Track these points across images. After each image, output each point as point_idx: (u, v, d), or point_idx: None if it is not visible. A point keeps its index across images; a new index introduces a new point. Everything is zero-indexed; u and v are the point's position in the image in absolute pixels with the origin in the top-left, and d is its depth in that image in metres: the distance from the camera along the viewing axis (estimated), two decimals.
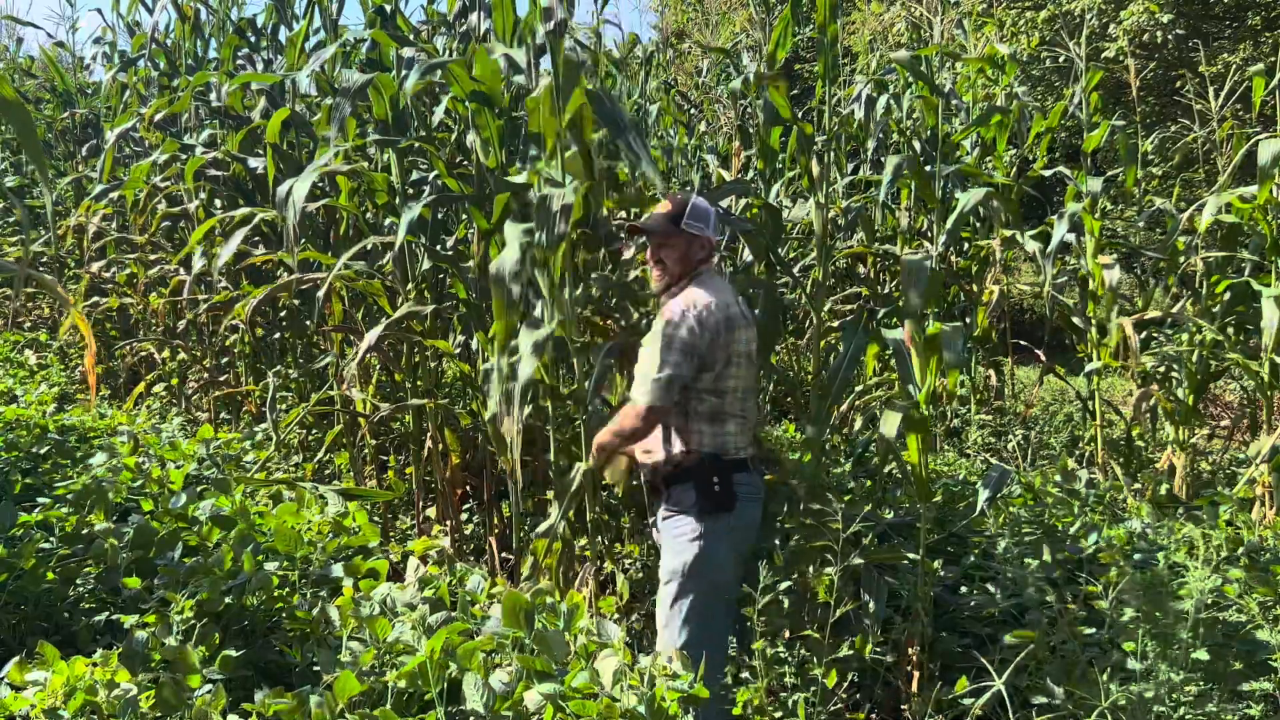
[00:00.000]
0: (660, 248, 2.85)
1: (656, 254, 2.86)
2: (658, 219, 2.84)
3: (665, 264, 2.85)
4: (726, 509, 2.84)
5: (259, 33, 6.62)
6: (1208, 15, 10.42)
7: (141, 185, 5.93)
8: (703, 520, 2.82)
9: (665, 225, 2.82)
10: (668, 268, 2.86)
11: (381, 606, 1.99)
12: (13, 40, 10.35)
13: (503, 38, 3.86)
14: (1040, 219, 5.74)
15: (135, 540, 2.30)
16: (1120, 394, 7.87)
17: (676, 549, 2.84)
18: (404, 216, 3.66)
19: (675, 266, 2.85)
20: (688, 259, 2.85)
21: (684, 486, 2.84)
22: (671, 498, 2.87)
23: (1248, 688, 2.56)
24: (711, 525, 2.83)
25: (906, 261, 3.18)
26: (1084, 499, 3.78)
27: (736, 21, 8.89)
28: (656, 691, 1.48)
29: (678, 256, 2.84)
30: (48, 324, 7.97)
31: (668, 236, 2.83)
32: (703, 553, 2.83)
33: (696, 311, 2.75)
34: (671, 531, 2.86)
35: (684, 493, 2.84)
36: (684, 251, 2.84)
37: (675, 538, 2.84)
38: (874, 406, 4.30)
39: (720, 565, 2.85)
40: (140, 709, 1.58)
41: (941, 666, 3.14)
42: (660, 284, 2.88)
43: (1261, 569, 2.88)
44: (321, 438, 5.14)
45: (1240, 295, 4.79)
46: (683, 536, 2.84)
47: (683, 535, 2.84)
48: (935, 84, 3.82)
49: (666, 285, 2.87)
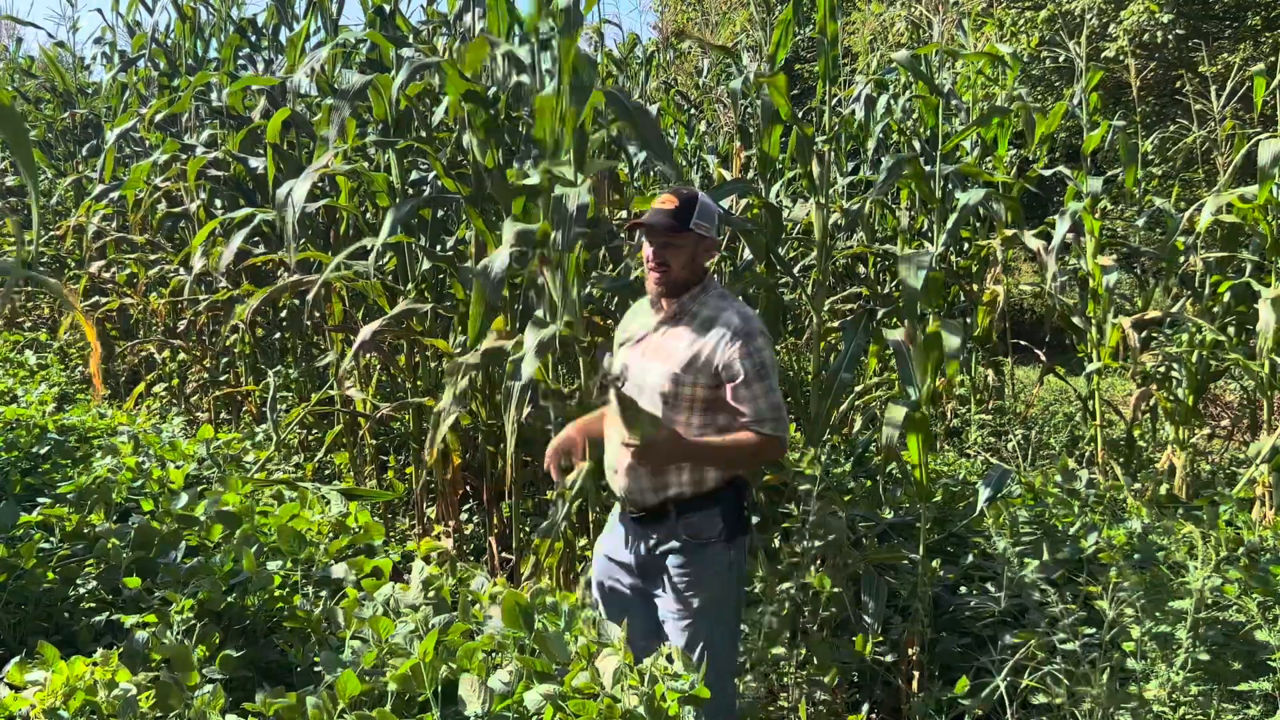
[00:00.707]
0: (665, 247, 2.54)
1: (661, 255, 2.55)
2: (662, 216, 2.53)
3: (670, 266, 2.55)
4: (746, 530, 2.69)
5: (259, 32, 6.63)
6: (1208, 15, 10.42)
7: (142, 185, 5.93)
8: (731, 547, 2.62)
9: (672, 223, 2.52)
10: (672, 270, 2.55)
11: (384, 607, 1.99)
12: (13, 40, 10.35)
13: (498, 36, 3.86)
14: (1040, 219, 5.74)
15: (137, 540, 2.30)
16: (1120, 394, 7.86)
17: (704, 583, 2.58)
18: (391, 216, 3.66)
19: (681, 270, 2.56)
20: (695, 262, 2.59)
21: (709, 514, 2.58)
22: (691, 527, 2.57)
23: (1247, 688, 2.57)
24: (740, 550, 2.66)
25: (904, 257, 3.19)
26: (1084, 499, 3.78)
27: (736, 21, 8.88)
28: (656, 691, 1.49)
29: (685, 259, 2.56)
30: (47, 324, 7.98)
31: (674, 235, 2.53)
32: (737, 580, 2.66)
33: (760, 325, 2.59)
34: (695, 564, 2.58)
35: (708, 520, 2.58)
36: (692, 253, 2.57)
37: (702, 570, 2.58)
38: (874, 406, 4.30)
39: (744, 585, 2.74)
40: (140, 709, 1.58)
41: (941, 666, 3.14)
42: (660, 288, 2.59)
43: (1261, 569, 2.88)
44: (321, 438, 5.14)
45: (1240, 295, 4.80)
46: (711, 568, 2.59)
47: (711, 567, 2.59)
48: (935, 84, 3.83)
49: (669, 290, 2.59)
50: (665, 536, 2.59)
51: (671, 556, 2.58)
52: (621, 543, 2.70)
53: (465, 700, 1.56)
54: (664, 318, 2.63)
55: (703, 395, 2.53)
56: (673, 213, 2.52)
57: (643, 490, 2.58)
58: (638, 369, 2.60)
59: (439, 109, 4.75)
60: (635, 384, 2.58)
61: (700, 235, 2.56)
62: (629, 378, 2.59)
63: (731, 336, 2.50)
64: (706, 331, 2.54)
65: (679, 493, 2.57)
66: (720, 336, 2.51)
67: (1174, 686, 2.43)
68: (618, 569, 2.72)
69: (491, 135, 3.70)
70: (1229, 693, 2.58)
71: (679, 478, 2.56)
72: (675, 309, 2.61)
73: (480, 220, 3.74)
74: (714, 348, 2.51)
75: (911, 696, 3.09)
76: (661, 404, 2.52)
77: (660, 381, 2.53)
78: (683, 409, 2.53)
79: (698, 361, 2.51)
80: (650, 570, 2.64)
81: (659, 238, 2.55)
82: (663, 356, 2.56)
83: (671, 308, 2.61)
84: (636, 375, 2.60)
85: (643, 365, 2.60)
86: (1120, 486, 4.20)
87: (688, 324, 2.58)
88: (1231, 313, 4.84)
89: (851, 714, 3.16)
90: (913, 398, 3.19)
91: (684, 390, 2.52)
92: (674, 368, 2.52)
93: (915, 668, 3.15)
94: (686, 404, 2.53)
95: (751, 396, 2.49)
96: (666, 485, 2.57)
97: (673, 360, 2.53)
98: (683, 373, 2.51)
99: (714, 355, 2.50)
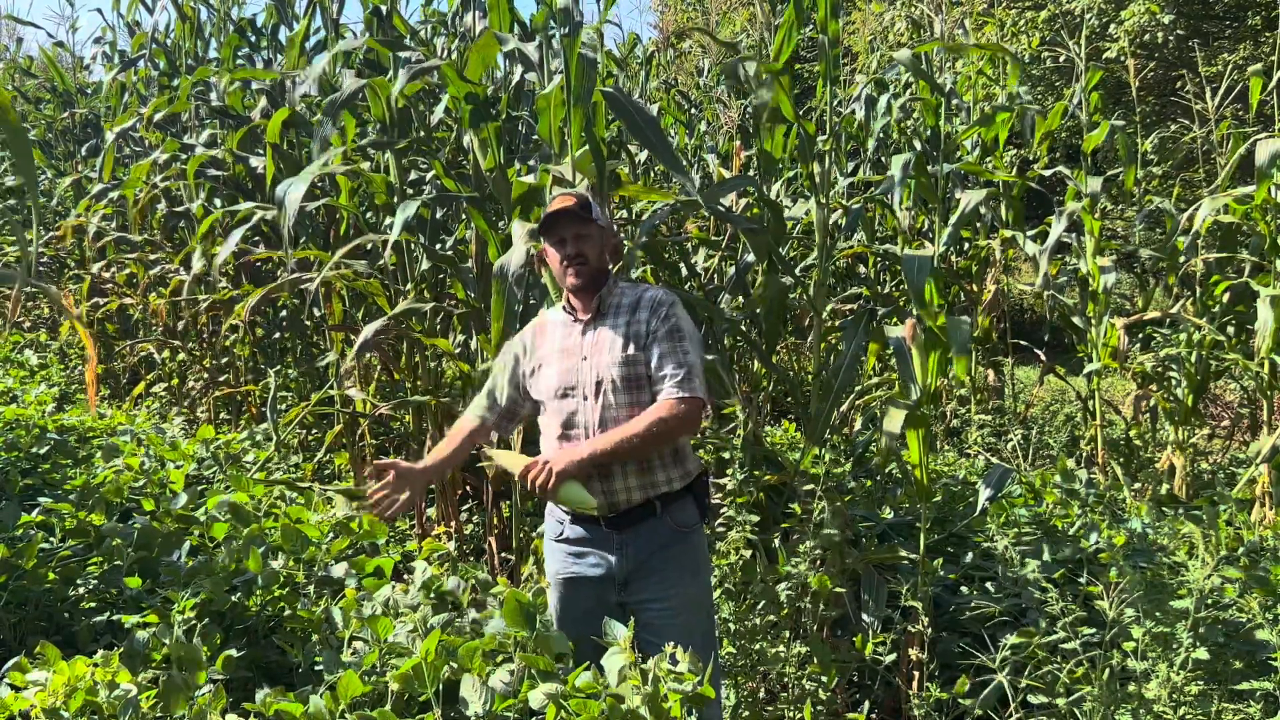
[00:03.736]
0: (579, 239, 2.58)
1: (577, 246, 2.58)
2: (567, 208, 2.56)
3: (588, 258, 2.59)
4: (706, 514, 2.72)
5: (259, 32, 6.64)
6: (1208, 15, 10.43)
7: (141, 184, 5.93)
8: (701, 533, 2.66)
9: (579, 213, 2.56)
10: (590, 262, 2.59)
11: (385, 607, 1.99)
12: (13, 40, 10.35)
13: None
14: (1041, 219, 5.75)
15: (139, 540, 2.31)
16: (1120, 394, 7.86)
17: (694, 569, 2.60)
18: (399, 215, 3.65)
19: (597, 261, 2.61)
20: (603, 255, 2.64)
21: (684, 502, 2.59)
22: (674, 519, 2.56)
23: (1247, 687, 2.57)
24: (705, 535, 2.72)
25: (907, 256, 3.19)
26: (1084, 499, 3.78)
27: (737, 21, 8.89)
28: (658, 691, 1.49)
29: (597, 250, 2.61)
30: (47, 324, 7.97)
31: (583, 226, 2.58)
32: (710, 563, 2.71)
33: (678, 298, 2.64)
34: (688, 553, 2.58)
35: (685, 509, 2.59)
36: (600, 244, 2.62)
37: (693, 557, 2.60)
38: (874, 406, 4.30)
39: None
40: (141, 709, 1.58)
41: (941, 666, 3.14)
42: (579, 280, 2.59)
43: (1261, 569, 2.88)
44: (321, 438, 5.14)
45: (1240, 295, 4.80)
46: (698, 556, 2.63)
47: (697, 555, 2.63)
48: (936, 83, 3.83)
49: (588, 283, 2.60)
50: (650, 534, 2.53)
51: (658, 554, 2.53)
52: (588, 560, 2.58)
53: (467, 700, 1.57)
54: (588, 319, 2.61)
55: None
56: (576, 207, 2.56)
57: (629, 490, 2.51)
58: (579, 373, 2.56)
59: (438, 108, 4.75)
60: (581, 390, 2.54)
61: (603, 226, 2.64)
62: (574, 384, 2.55)
63: (656, 305, 2.57)
64: (635, 312, 2.59)
65: (668, 489, 2.54)
66: (650, 310, 2.57)
67: (1174, 686, 2.43)
68: (587, 590, 2.57)
69: (493, 131, 3.70)
70: (1229, 692, 2.58)
71: (666, 474, 2.54)
72: (595, 305, 2.61)
73: (482, 219, 3.74)
74: (646, 321, 2.56)
75: (911, 696, 3.10)
76: (620, 391, 2.50)
77: (612, 372, 2.51)
78: (644, 388, 2.53)
79: (640, 339, 2.54)
80: (635, 576, 2.54)
81: (570, 229, 2.57)
82: (604, 349, 2.55)
83: (591, 305, 2.61)
84: (582, 379, 2.55)
85: (583, 367, 2.56)
86: (1120, 486, 4.20)
87: (613, 315, 2.60)
88: (1231, 313, 4.84)
89: (851, 714, 3.16)
90: (913, 396, 3.19)
91: (638, 370, 2.53)
92: (620, 352, 2.53)
93: (915, 668, 3.15)
94: (644, 382, 2.54)
95: (669, 352, 2.51)
96: (655, 483, 2.53)
97: (616, 348, 2.54)
98: (634, 353, 2.52)
99: (649, 327, 2.55)
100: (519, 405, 2.74)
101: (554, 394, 2.58)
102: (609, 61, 6.70)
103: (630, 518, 2.52)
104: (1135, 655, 2.52)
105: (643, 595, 2.54)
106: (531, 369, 2.68)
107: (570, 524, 2.59)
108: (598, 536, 2.55)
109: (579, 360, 2.57)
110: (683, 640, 2.17)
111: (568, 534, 2.61)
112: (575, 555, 2.59)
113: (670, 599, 2.53)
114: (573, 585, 2.59)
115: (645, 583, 2.54)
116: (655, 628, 2.46)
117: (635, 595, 2.54)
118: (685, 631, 2.47)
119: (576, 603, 2.57)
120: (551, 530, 2.67)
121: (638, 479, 2.51)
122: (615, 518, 2.52)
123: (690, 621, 2.55)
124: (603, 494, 2.50)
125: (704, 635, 2.60)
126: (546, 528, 2.71)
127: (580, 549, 2.58)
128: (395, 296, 4.42)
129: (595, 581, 2.56)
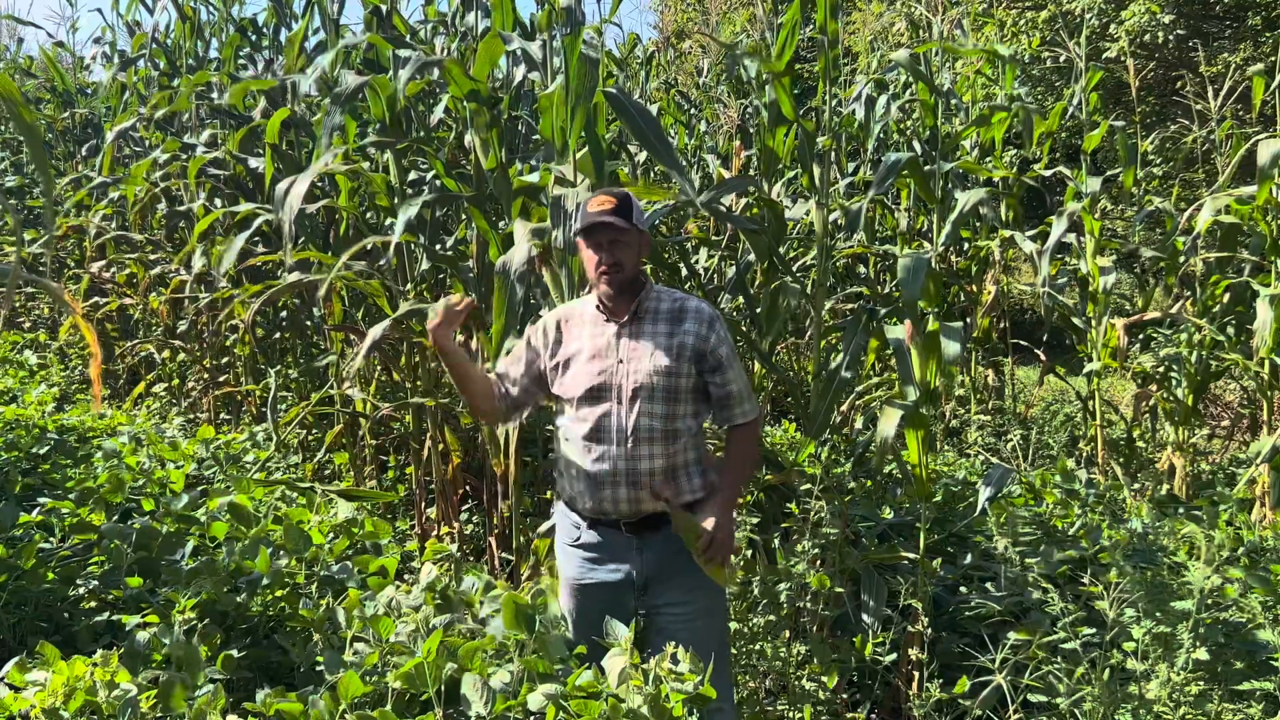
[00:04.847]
0: (615, 245, 2.47)
1: (613, 254, 2.47)
2: (608, 215, 2.45)
3: (623, 265, 2.48)
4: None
5: (259, 32, 6.63)
6: (1208, 15, 10.42)
7: (141, 183, 5.93)
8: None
9: (620, 221, 2.45)
10: (625, 269, 2.49)
11: (387, 607, 1.99)
12: (13, 40, 10.35)
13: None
14: (1041, 219, 5.75)
15: (139, 540, 2.30)
16: (1120, 394, 7.87)
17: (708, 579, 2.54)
18: (401, 215, 3.64)
19: (631, 269, 2.51)
20: (639, 259, 2.55)
21: (704, 505, 2.57)
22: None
23: (1248, 688, 2.57)
24: None
25: (905, 258, 3.19)
26: (1084, 499, 3.78)
27: (737, 21, 8.88)
28: (660, 691, 1.49)
29: (634, 256, 2.51)
30: (47, 324, 7.97)
31: (622, 233, 2.47)
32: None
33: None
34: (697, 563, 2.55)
35: (706, 512, 2.55)
36: (638, 250, 2.53)
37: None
38: (874, 406, 4.31)
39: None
40: (140, 709, 1.58)
41: (941, 666, 3.14)
42: (611, 289, 2.50)
43: (1262, 569, 2.88)
44: (321, 438, 5.14)
45: (1240, 295, 4.80)
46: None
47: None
48: (935, 84, 3.82)
49: (622, 289, 2.51)
50: (669, 540, 2.50)
51: (676, 560, 2.50)
52: (607, 566, 2.55)
53: (468, 700, 1.56)
54: (624, 321, 2.54)
55: (692, 384, 2.54)
56: (616, 211, 2.46)
57: (655, 499, 2.48)
58: (614, 375, 2.51)
59: (438, 108, 4.75)
60: (615, 394, 2.50)
61: (641, 230, 2.53)
62: (608, 387, 2.50)
63: (709, 321, 2.54)
64: (680, 323, 2.54)
65: (691, 498, 2.54)
66: (697, 323, 2.53)
67: (1174, 686, 2.43)
68: (605, 595, 2.53)
69: (497, 135, 3.70)
70: (1230, 692, 2.58)
71: (690, 484, 2.54)
72: (634, 309, 2.54)
73: (483, 219, 3.74)
74: (695, 335, 2.52)
75: (911, 696, 3.10)
76: (658, 400, 2.48)
77: (653, 380, 2.47)
78: (681, 400, 2.52)
79: (686, 351, 2.51)
80: (654, 581, 2.52)
81: (608, 235, 2.47)
82: (644, 356, 2.50)
83: (629, 309, 2.54)
84: (617, 383, 2.50)
85: (620, 370, 2.51)
86: (1120, 486, 4.20)
87: (652, 320, 2.54)
88: (1231, 313, 4.84)
89: (851, 714, 3.16)
90: (912, 396, 3.19)
91: (679, 382, 2.51)
92: (662, 362, 2.49)
93: (915, 668, 3.15)
94: (682, 394, 2.52)
95: (735, 378, 2.57)
96: (679, 492, 2.51)
97: (659, 357, 2.49)
98: (674, 363, 2.49)
99: (698, 342, 2.52)
100: (531, 398, 2.69)
101: (583, 395, 2.52)
102: (609, 61, 6.70)
103: (650, 523, 2.51)
104: (1135, 655, 2.52)
105: (660, 600, 2.53)
106: (558, 363, 2.60)
107: (587, 529, 2.57)
108: (616, 542, 2.54)
109: (614, 363, 2.52)
110: (699, 645, 2.12)
111: (585, 539, 2.58)
112: (593, 560, 2.57)
113: (687, 604, 2.52)
114: (590, 590, 2.57)
115: (663, 588, 2.53)
116: (671, 633, 2.44)
117: (653, 600, 2.53)
118: (701, 637, 2.45)
119: (593, 608, 2.51)
120: (567, 534, 2.64)
121: (668, 489, 2.50)
122: (635, 523, 2.52)
123: (706, 626, 2.54)
124: (630, 501, 2.49)
125: (719, 641, 2.59)
126: (560, 531, 2.68)
127: (598, 554, 2.57)
128: (395, 296, 4.41)
129: (613, 586, 2.54)
